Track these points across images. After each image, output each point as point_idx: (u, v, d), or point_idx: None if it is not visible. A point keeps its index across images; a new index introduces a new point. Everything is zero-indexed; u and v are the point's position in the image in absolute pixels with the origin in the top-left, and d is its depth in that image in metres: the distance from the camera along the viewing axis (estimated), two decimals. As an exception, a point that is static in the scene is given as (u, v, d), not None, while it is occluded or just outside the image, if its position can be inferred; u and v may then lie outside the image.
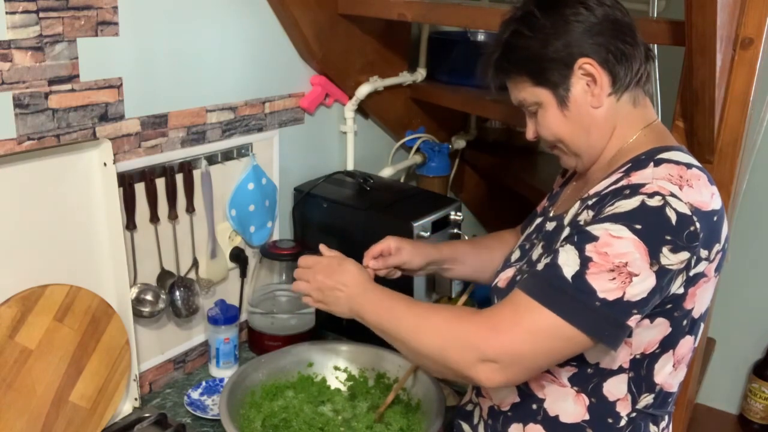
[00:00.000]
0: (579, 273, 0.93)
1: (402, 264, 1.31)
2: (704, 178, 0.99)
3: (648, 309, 0.96)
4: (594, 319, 0.93)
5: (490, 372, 0.96)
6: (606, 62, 1.03)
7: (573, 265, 0.94)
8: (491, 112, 1.93)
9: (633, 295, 0.92)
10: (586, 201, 1.04)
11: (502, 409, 1.15)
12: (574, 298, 0.93)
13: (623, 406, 1.06)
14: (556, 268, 0.95)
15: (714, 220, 0.97)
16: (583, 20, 1.03)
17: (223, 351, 1.53)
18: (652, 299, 0.94)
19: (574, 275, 0.93)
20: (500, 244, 1.40)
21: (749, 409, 2.29)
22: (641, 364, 1.04)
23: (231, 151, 1.54)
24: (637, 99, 1.08)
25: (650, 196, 0.94)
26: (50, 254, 1.24)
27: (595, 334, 0.93)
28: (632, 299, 0.92)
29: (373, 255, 1.31)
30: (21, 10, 1.11)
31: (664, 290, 0.95)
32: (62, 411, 1.23)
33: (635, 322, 0.95)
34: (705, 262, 0.98)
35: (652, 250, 0.92)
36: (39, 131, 1.18)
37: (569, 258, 0.95)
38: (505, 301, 1.00)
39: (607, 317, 0.93)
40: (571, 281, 0.93)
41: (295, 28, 1.60)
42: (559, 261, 0.96)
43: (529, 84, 1.07)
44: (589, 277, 0.92)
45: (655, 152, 1.02)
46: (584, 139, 1.08)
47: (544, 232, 1.15)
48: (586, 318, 0.93)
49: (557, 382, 1.07)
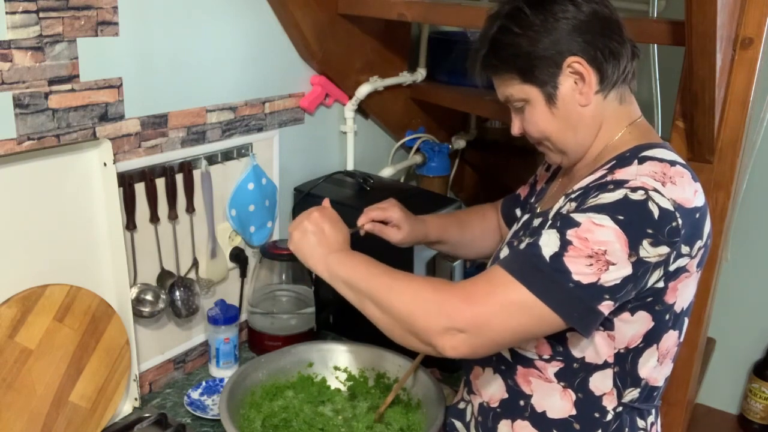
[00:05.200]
0: (557, 254, 0.94)
1: (393, 242, 1.33)
2: (688, 175, 1.00)
3: (621, 297, 0.96)
4: (565, 299, 0.94)
5: (456, 342, 0.96)
6: (594, 60, 1.03)
7: (553, 247, 0.95)
8: (491, 112, 1.93)
9: (606, 281, 0.93)
10: (569, 195, 1.05)
11: (492, 406, 1.15)
12: (549, 276, 0.94)
13: (609, 400, 1.07)
14: (536, 247, 0.96)
15: (696, 216, 0.98)
16: (572, 18, 1.02)
17: (223, 351, 1.53)
18: (625, 287, 0.95)
19: (552, 255, 0.94)
20: (481, 220, 1.44)
21: (749, 409, 2.29)
22: (626, 358, 1.05)
23: (231, 151, 1.54)
24: (623, 96, 1.09)
25: (633, 191, 0.95)
26: (50, 254, 1.24)
27: (564, 314, 0.94)
28: (605, 284, 0.93)
29: (373, 218, 1.31)
30: (21, 10, 1.11)
31: (638, 281, 0.96)
32: (62, 411, 1.23)
33: (607, 308, 0.95)
34: (687, 258, 0.99)
35: (632, 242, 0.93)
36: (39, 131, 1.18)
37: (550, 240, 0.96)
38: (481, 275, 1.00)
39: (579, 299, 0.94)
40: (548, 261, 0.94)
41: (295, 28, 1.60)
42: (540, 242, 0.97)
43: (517, 81, 1.07)
44: (567, 259, 0.93)
45: (640, 149, 1.03)
46: (571, 137, 1.08)
47: (530, 228, 1.16)
48: (556, 296, 0.94)
49: (543, 378, 1.08)
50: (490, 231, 1.44)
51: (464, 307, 0.96)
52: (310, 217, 1.18)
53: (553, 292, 0.94)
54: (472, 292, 0.97)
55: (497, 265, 0.99)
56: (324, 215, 1.18)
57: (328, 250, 1.14)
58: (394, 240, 1.33)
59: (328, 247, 1.14)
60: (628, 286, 0.95)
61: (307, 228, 1.17)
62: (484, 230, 1.43)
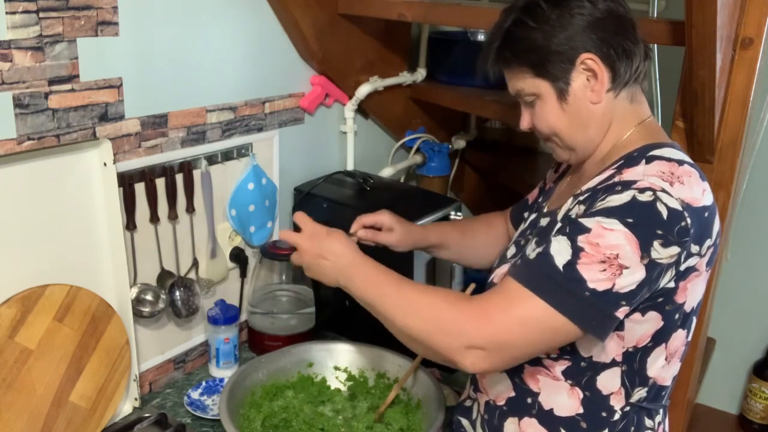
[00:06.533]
0: (570, 262, 0.94)
1: (389, 245, 1.32)
2: (696, 175, 0.99)
3: (637, 301, 0.96)
4: (582, 309, 0.93)
5: (476, 358, 0.96)
6: (608, 58, 1.03)
7: (565, 255, 0.95)
8: (491, 112, 1.93)
9: (622, 287, 0.93)
10: (578, 197, 1.05)
11: (498, 404, 1.15)
12: (564, 286, 0.94)
13: (617, 399, 1.07)
14: (548, 256, 0.96)
15: (705, 216, 0.98)
16: (588, 14, 1.02)
17: (223, 351, 1.53)
18: (641, 292, 0.95)
19: (565, 264, 0.94)
20: (487, 228, 1.42)
21: (749, 409, 2.29)
22: (634, 357, 1.05)
23: (231, 151, 1.54)
24: (634, 96, 1.09)
25: (641, 192, 0.95)
26: (50, 254, 1.24)
27: (582, 324, 0.94)
28: (621, 291, 0.93)
29: (365, 224, 1.31)
30: (21, 10, 1.11)
31: (653, 283, 0.96)
32: (62, 411, 1.23)
33: (623, 313, 0.96)
34: (696, 257, 0.99)
35: (643, 244, 0.93)
36: (39, 131, 1.18)
37: (561, 248, 0.96)
38: (496, 289, 1.00)
39: (596, 307, 0.93)
40: (562, 270, 0.94)
41: (295, 28, 1.60)
42: (551, 251, 0.96)
43: (530, 75, 1.07)
44: (580, 267, 0.93)
45: (647, 149, 1.03)
46: (580, 134, 1.08)
47: (538, 227, 1.15)
48: (574, 307, 0.93)
49: (551, 376, 1.08)
50: (497, 239, 1.42)
51: (482, 325, 0.96)
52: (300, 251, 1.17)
53: (570, 303, 0.93)
54: (489, 308, 0.97)
55: (510, 277, 0.99)
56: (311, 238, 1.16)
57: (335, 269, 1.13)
58: (389, 242, 1.32)
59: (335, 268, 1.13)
60: (643, 290, 0.95)
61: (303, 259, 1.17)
62: (489, 238, 1.41)
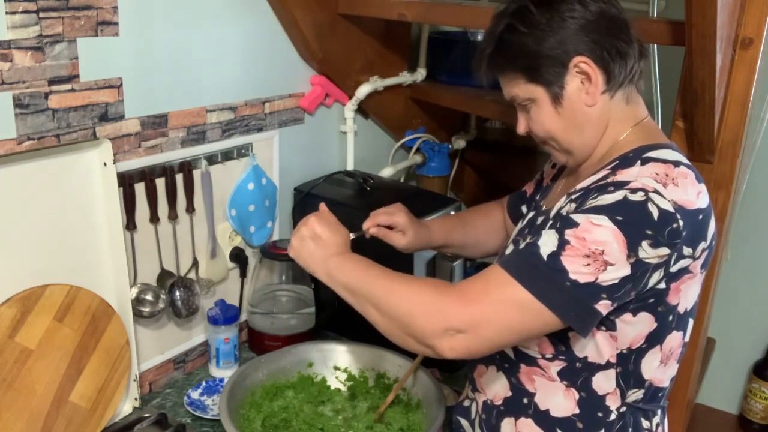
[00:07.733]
0: (555, 253, 0.94)
1: (398, 246, 1.33)
2: (692, 176, 0.99)
3: (620, 297, 0.96)
4: (562, 298, 0.94)
5: (455, 342, 0.96)
6: (601, 60, 1.03)
7: (551, 246, 0.95)
8: (491, 112, 1.93)
9: (604, 281, 0.93)
10: (571, 195, 1.05)
11: (495, 404, 1.15)
12: (545, 275, 0.94)
13: (613, 400, 1.07)
14: (535, 247, 0.97)
15: (699, 218, 0.98)
16: (579, 17, 1.02)
17: (223, 351, 1.53)
18: (624, 287, 0.95)
19: (549, 254, 0.95)
20: (486, 218, 1.44)
21: (749, 409, 2.29)
22: (628, 359, 1.05)
23: (231, 151, 1.54)
24: (630, 96, 1.08)
25: (633, 192, 0.95)
26: (50, 254, 1.24)
27: (560, 313, 0.94)
28: (602, 283, 0.93)
29: (378, 223, 1.31)
30: (21, 10, 1.11)
31: (638, 282, 0.96)
32: (62, 411, 1.23)
33: (605, 308, 0.95)
34: (689, 259, 0.99)
35: (630, 243, 0.93)
36: (39, 131, 1.18)
37: (549, 239, 0.96)
38: (479, 274, 1.01)
39: (576, 297, 0.94)
40: (545, 259, 0.95)
41: (295, 28, 1.60)
42: (539, 242, 0.97)
43: (523, 80, 1.07)
44: (564, 258, 0.94)
45: (643, 150, 1.03)
46: (577, 137, 1.08)
47: (534, 226, 1.16)
48: (554, 295, 0.94)
49: (546, 377, 1.08)
50: (495, 229, 1.43)
51: (461, 306, 0.96)
52: (306, 222, 1.18)
53: (550, 291, 0.94)
54: (469, 291, 0.98)
55: (496, 263, 1.00)
56: (321, 219, 1.18)
57: (327, 254, 1.14)
58: (399, 245, 1.33)
59: (326, 250, 1.14)
60: (626, 287, 0.95)
61: (305, 234, 1.17)
62: (489, 229, 1.43)
